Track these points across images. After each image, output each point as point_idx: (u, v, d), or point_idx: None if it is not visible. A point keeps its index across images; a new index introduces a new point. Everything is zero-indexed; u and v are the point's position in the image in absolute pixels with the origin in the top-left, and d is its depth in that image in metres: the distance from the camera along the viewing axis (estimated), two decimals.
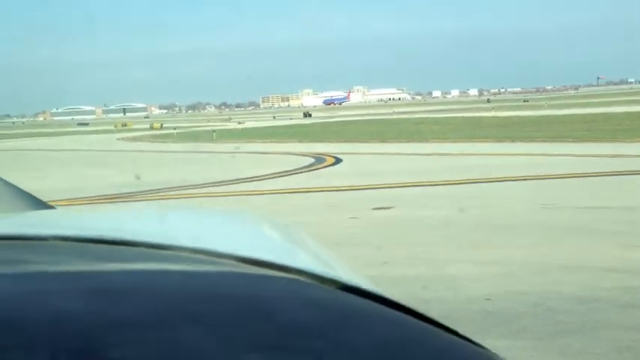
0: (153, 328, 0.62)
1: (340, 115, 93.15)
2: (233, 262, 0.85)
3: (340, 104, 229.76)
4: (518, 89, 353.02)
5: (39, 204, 1.98)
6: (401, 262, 7.98)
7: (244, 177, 18.67)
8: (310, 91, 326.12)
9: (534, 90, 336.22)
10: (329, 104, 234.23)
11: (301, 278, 0.80)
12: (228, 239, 1.18)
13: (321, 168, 21.53)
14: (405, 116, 66.93)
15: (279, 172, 19.94)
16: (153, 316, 0.65)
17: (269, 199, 14.82)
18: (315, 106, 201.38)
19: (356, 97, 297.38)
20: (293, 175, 19.48)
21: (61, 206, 2.23)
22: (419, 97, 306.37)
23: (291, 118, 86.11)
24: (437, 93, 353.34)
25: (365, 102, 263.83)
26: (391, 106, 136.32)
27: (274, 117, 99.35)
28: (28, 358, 0.57)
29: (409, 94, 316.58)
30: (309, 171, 20.78)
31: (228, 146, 32.53)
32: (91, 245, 0.94)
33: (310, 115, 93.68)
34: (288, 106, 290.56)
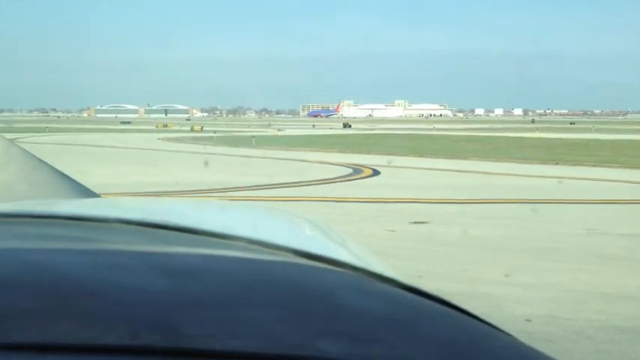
0: (224, 308, 0.64)
1: (380, 127, 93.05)
2: (290, 254, 0.86)
3: (327, 117, 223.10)
4: (565, 111, 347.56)
5: (88, 193, 2.03)
6: (438, 277, 7.83)
7: (281, 182, 18.69)
8: (351, 102, 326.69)
9: (581, 113, 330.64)
10: (314, 116, 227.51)
11: (359, 274, 0.81)
12: (279, 233, 1.21)
13: (359, 179, 21.46)
14: (446, 133, 66.39)
15: (316, 180, 19.93)
16: (223, 296, 0.67)
17: (304, 205, 14.78)
18: (354, 118, 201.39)
19: (396, 112, 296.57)
20: (330, 184, 19.44)
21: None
22: (460, 115, 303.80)
23: (330, 128, 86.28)
24: (479, 111, 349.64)
25: (405, 116, 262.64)
26: (432, 122, 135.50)
27: (314, 126, 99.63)
28: (110, 328, 0.59)
29: (451, 110, 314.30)
30: (346, 181, 20.72)
31: (267, 152, 32.70)
32: (154, 230, 0.96)
33: (350, 126, 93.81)
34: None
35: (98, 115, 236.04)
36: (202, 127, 75.31)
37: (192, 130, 72.20)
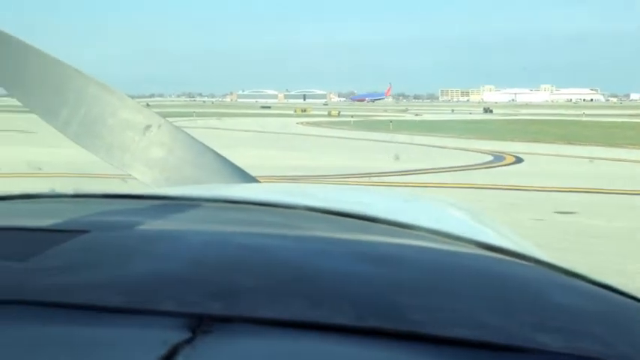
0: (439, 297, 0.66)
1: (524, 113, 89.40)
2: (472, 245, 0.87)
3: (373, 101, 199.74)
4: None
5: (248, 177, 2.09)
6: (590, 270, 7.35)
7: (418, 169, 18.45)
8: (492, 87, 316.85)
9: None
10: (359, 100, 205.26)
11: (544, 267, 0.81)
12: (450, 223, 1.20)
13: (500, 166, 20.73)
14: (597, 119, 62.43)
15: (455, 167, 19.47)
16: (434, 285, 0.70)
17: (444, 192, 14.48)
18: (496, 103, 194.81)
19: (542, 96, 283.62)
20: (469, 171, 18.92)
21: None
22: (614, 100, 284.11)
23: (470, 113, 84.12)
24: (635, 95, 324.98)
25: (551, 101, 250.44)
26: (581, 107, 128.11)
27: (452, 110, 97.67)
28: (337, 309, 0.62)
29: (603, 95, 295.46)
30: (486, 168, 20.09)
31: (405, 137, 32.44)
32: (337, 217, 1.00)
33: (491, 111, 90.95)
34: (468, 100, 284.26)
35: (239, 100, 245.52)
36: (339, 112, 76.07)
37: (329, 114, 73.13)
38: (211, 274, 0.69)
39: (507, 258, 0.82)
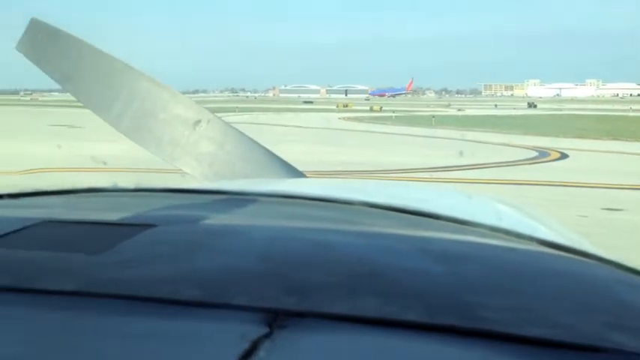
0: (512, 296, 0.66)
1: (569, 107, 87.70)
2: (534, 243, 0.88)
3: (394, 96, 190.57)
4: None
5: (295, 172, 2.15)
6: None
7: (461, 164, 18.38)
8: (537, 81, 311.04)
9: None
10: (380, 95, 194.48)
11: (609, 265, 0.81)
12: (506, 220, 1.22)
13: (545, 162, 20.49)
14: None
15: (498, 163, 19.33)
16: (506, 284, 0.69)
17: (489, 188, 14.43)
18: (540, 97, 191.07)
19: (587, 91, 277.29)
20: (512, 167, 18.77)
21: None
22: None
23: (514, 108, 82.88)
24: None
25: (597, 96, 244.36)
26: (628, 102, 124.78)
27: (496, 105, 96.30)
28: (409, 306, 0.62)
29: None
30: (530, 164, 19.89)
31: (447, 132, 32.24)
32: (397, 213, 1.01)
33: (535, 106, 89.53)
34: (512, 95, 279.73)
35: (282, 95, 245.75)
36: (381, 107, 75.85)
37: (371, 109, 73.06)
38: (282, 269, 0.71)
39: (571, 256, 0.83)
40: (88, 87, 2.24)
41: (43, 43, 2.25)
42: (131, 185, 1.25)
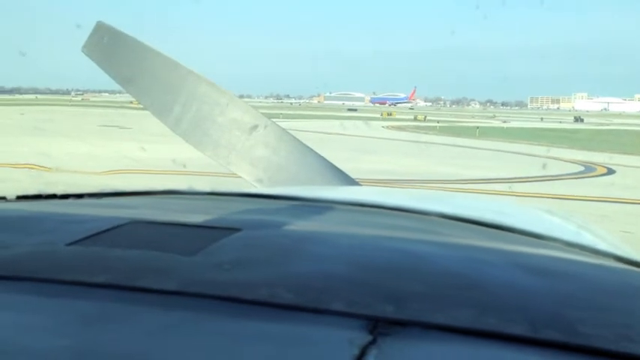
0: (611, 312, 0.66)
1: (616, 122, 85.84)
2: (610, 259, 0.91)
3: (395, 105, 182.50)
4: None
5: (349, 180, 2.16)
6: None
7: (504, 177, 18.29)
8: (585, 94, 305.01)
9: None
10: (380, 103, 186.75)
11: None
12: (579, 235, 1.24)
13: (591, 177, 20.22)
14: None
15: (542, 176, 19.15)
16: (600, 299, 0.69)
17: (532, 202, 14.39)
18: (587, 111, 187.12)
19: (636, 106, 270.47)
20: (557, 181, 18.60)
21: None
22: None
23: (560, 122, 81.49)
24: None
25: None
26: None
27: (542, 119, 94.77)
28: (510, 319, 0.62)
29: None
30: (575, 178, 19.66)
31: (491, 144, 32.00)
32: (472, 225, 1.03)
33: (582, 120, 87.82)
34: (558, 108, 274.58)
35: (326, 102, 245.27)
36: (425, 117, 75.44)
37: (415, 119, 72.63)
38: (376, 277, 0.71)
39: None
40: (149, 89, 2.27)
41: (108, 45, 2.30)
42: (206, 188, 1.29)
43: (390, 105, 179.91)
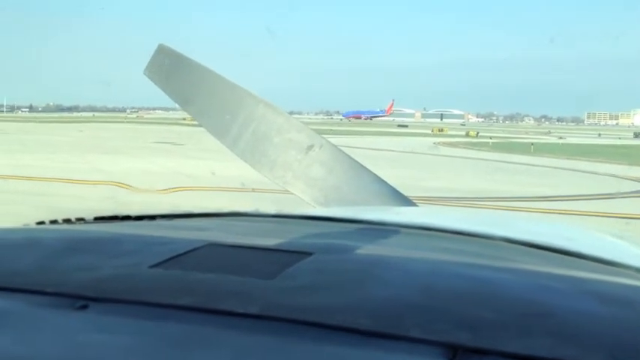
0: None
1: None
2: None
3: (371, 119, 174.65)
4: None
5: (405, 200, 2.13)
6: None
7: (563, 195, 17.77)
8: None
9: None
10: (355, 117, 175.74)
11: None
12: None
13: None
14: None
15: (601, 195, 18.54)
16: None
17: (591, 221, 13.87)
18: None
19: None
20: (618, 199, 17.95)
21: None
22: None
23: (619, 138, 79.34)
24: None
25: None
26: None
27: (600, 134, 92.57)
28: (589, 349, 0.61)
29: None
30: (637, 197, 18.96)
31: (547, 160, 31.27)
32: (539, 250, 1.01)
33: None
34: (617, 124, 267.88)
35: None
36: (478, 133, 74.54)
37: (467, 135, 71.87)
38: (450, 303, 0.71)
39: None
40: (208, 110, 2.33)
41: (169, 67, 2.36)
42: (272, 211, 1.33)
43: (365, 119, 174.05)
